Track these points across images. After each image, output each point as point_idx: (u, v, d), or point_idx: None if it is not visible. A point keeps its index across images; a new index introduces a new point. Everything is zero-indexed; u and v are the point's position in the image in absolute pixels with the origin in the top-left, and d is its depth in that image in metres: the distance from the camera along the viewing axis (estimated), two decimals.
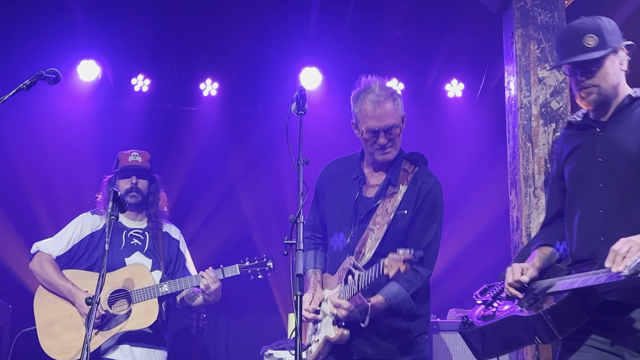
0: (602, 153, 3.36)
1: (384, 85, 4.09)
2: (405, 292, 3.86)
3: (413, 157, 4.13)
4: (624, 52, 3.38)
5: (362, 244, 3.97)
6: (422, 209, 3.99)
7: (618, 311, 3.23)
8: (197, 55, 7.38)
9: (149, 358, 5.00)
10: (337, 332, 3.88)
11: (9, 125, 6.86)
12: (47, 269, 5.02)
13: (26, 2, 6.53)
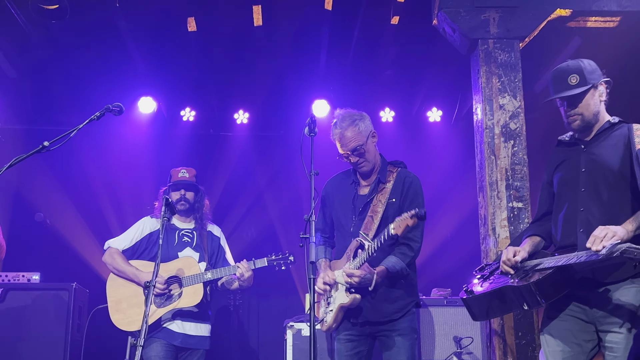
0: (585, 165, 3.43)
1: (347, 115, 4.16)
2: (402, 262, 3.94)
3: (395, 162, 4.27)
4: (603, 87, 3.44)
5: (365, 228, 4.04)
6: (407, 196, 4.09)
7: (592, 288, 3.29)
8: (231, 91, 7.41)
9: (196, 330, 5.03)
10: (349, 298, 3.93)
11: (84, 147, 6.90)
12: (116, 259, 5.08)
13: (98, 52, 6.61)
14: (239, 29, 6.21)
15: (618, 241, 2.95)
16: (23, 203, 7.14)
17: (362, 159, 4.09)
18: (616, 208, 3.27)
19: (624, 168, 3.29)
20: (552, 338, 3.41)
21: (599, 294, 3.29)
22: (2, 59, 6.65)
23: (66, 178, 7.33)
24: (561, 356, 3.37)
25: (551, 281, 3.24)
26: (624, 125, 3.41)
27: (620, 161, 3.31)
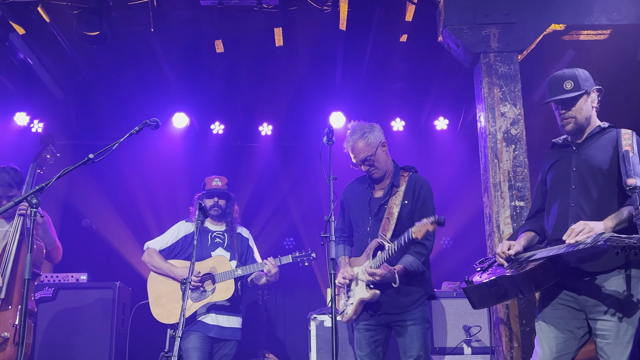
0: (576, 164, 3.44)
1: (358, 127, 4.20)
2: (418, 260, 3.98)
3: (406, 167, 4.32)
4: (594, 94, 3.46)
5: (383, 229, 4.08)
6: (418, 198, 4.13)
7: (582, 278, 3.29)
8: (256, 106, 7.44)
9: (229, 322, 5.05)
10: (370, 293, 3.97)
11: (125, 159, 6.95)
12: (155, 258, 5.12)
13: (135, 73, 6.68)
14: (262, 50, 6.24)
15: (601, 232, 2.99)
16: (71, 210, 7.19)
17: (372, 168, 4.14)
18: (604, 204, 3.26)
19: (612, 168, 3.30)
20: (546, 325, 3.40)
21: (588, 284, 3.28)
22: (50, 82, 6.74)
23: (109, 187, 7.38)
24: (554, 342, 3.35)
25: (542, 271, 3.25)
26: (613, 130, 3.43)
27: (609, 161, 3.32)
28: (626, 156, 3.25)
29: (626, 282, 3.18)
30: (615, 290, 3.21)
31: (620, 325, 3.15)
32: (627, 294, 3.18)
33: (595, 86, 3.48)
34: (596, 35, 4.77)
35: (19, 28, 5.62)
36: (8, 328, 4.50)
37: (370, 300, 4.00)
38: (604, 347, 3.19)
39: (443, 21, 4.65)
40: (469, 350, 5.63)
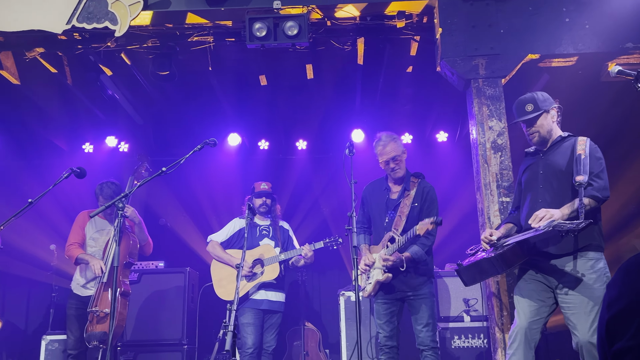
0: (543, 168, 3.46)
1: (388, 134, 4.28)
2: (422, 250, 4.02)
3: (416, 174, 4.31)
4: (554, 111, 3.47)
5: (395, 225, 4.12)
6: (425, 201, 4.16)
7: (547, 259, 3.31)
8: (293, 126, 7.48)
9: (276, 297, 5.10)
10: (384, 276, 4.01)
11: (192, 170, 7.06)
12: (216, 248, 5.19)
13: (198, 102, 6.75)
14: (296, 82, 6.28)
15: (553, 219, 3.02)
16: (150, 212, 7.29)
17: (397, 166, 4.19)
18: (562, 198, 3.28)
19: (569, 168, 3.32)
20: (521, 297, 3.43)
21: (553, 265, 3.29)
22: (132, 111, 6.86)
23: (179, 192, 7.47)
24: (528, 309, 3.37)
25: (511, 253, 3.27)
26: (572, 138, 3.44)
27: (567, 163, 3.35)
28: (579, 158, 3.26)
29: (585, 263, 3.19)
30: (575, 270, 3.22)
31: (582, 298, 3.15)
32: (586, 274, 3.18)
33: (554, 104, 3.49)
34: (565, 62, 4.73)
35: (107, 70, 5.74)
36: (108, 305, 4.59)
37: (385, 282, 4.04)
38: (570, 317, 3.21)
39: (440, 54, 4.65)
40: (468, 318, 5.60)
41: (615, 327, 1.12)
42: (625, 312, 1.11)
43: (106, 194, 4.99)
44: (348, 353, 5.38)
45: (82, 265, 4.97)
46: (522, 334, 3.30)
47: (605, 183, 3.22)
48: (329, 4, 4.78)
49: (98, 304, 4.62)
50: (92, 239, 5.02)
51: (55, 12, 4.57)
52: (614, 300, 1.14)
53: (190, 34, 5.07)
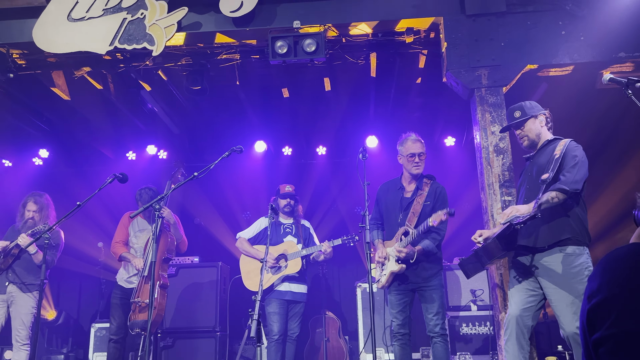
0: (532, 170, 3.43)
1: (416, 134, 4.33)
2: (432, 244, 4.00)
3: (428, 176, 4.28)
4: (542, 116, 3.43)
5: (409, 220, 4.12)
6: (437, 200, 4.12)
7: (529, 253, 3.30)
8: (313, 134, 7.47)
9: (298, 289, 5.11)
10: (398, 267, 3.98)
11: (222, 173, 7.08)
12: (244, 245, 5.21)
13: (227, 113, 6.80)
14: (316, 94, 6.28)
15: (517, 215, 3.00)
16: (186, 212, 7.36)
17: (421, 162, 4.19)
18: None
19: (547, 169, 3.26)
20: (513, 290, 3.42)
21: (535, 259, 3.26)
22: (170, 122, 6.93)
23: (212, 195, 7.50)
24: (519, 299, 3.39)
25: (493, 246, 3.23)
26: (558, 140, 3.38)
27: (547, 165, 3.28)
28: (552, 158, 3.22)
29: (564, 258, 3.13)
30: (553, 265, 3.17)
31: (562, 292, 3.09)
32: (564, 269, 3.12)
33: (542, 111, 3.45)
34: (562, 71, 4.65)
35: (147, 86, 5.80)
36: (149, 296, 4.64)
37: (398, 272, 4.01)
38: (554, 309, 3.19)
39: (446, 66, 4.61)
40: (475, 307, 5.55)
41: (595, 317, 1.11)
42: (604, 304, 1.10)
43: (144, 198, 5.11)
44: (365, 339, 5.37)
45: (124, 263, 5.07)
46: (514, 321, 3.27)
47: (575, 177, 3.13)
48: (344, 22, 4.78)
49: (140, 295, 4.68)
50: (135, 237, 5.11)
51: (99, 35, 4.64)
52: (594, 292, 1.13)
53: (219, 52, 5.11)
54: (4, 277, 4.79)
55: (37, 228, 4.76)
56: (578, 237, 3.16)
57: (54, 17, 4.70)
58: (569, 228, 3.14)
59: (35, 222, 4.90)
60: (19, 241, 4.69)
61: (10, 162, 7.56)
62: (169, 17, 4.60)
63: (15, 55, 4.97)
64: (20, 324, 4.70)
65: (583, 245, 3.17)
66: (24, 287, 4.77)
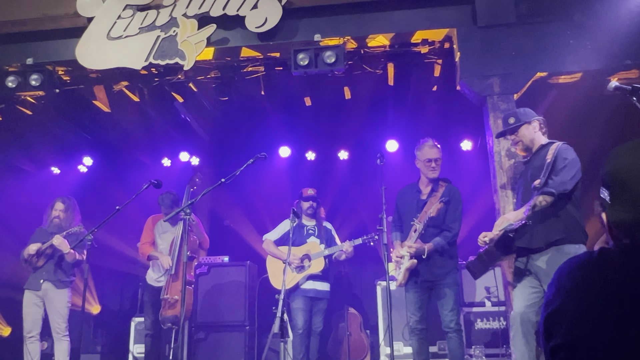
0: (527, 174, 3.41)
1: (434, 140, 4.32)
2: (443, 240, 3.99)
3: (444, 179, 4.27)
4: (536, 123, 3.40)
5: (419, 219, 4.08)
6: (451, 201, 4.07)
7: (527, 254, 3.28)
8: (335, 139, 7.47)
9: (322, 287, 5.15)
10: (409, 262, 4.00)
11: (250, 177, 7.04)
12: (270, 246, 5.27)
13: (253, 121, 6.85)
14: (336, 101, 6.31)
15: (510, 223, 3.00)
16: (216, 215, 7.47)
17: (438, 167, 4.19)
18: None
19: (539, 173, 3.24)
20: (517, 289, 3.37)
21: (533, 259, 3.24)
22: (201, 130, 7.04)
23: (239, 198, 7.56)
24: (522, 297, 3.34)
25: (493, 251, 3.23)
26: (550, 144, 3.35)
27: (539, 170, 3.26)
28: (544, 163, 3.20)
29: (561, 258, 3.09)
30: (549, 266, 3.13)
31: None
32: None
33: (536, 117, 3.44)
34: (571, 78, 4.60)
35: (179, 97, 5.93)
36: (177, 293, 4.78)
37: (411, 268, 4.00)
38: None
39: (459, 75, 4.62)
40: (489, 303, 5.52)
41: (550, 325, 1.10)
42: (558, 312, 1.09)
43: (166, 202, 5.26)
44: (384, 333, 5.39)
45: (153, 261, 5.19)
46: (519, 319, 3.24)
47: (563, 178, 3.10)
48: (362, 35, 4.82)
49: (168, 292, 4.81)
50: (160, 239, 5.25)
51: (135, 52, 4.78)
52: (550, 301, 1.12)
53: (245, 65, 5.20)
54: (38, 275, 4.96)
55: (73, 230, 4.93)
56: (573, 236, 3.13)
57: (94, 36, 4.86)
58: (563, 228, 3.11)
59: (61, 221, 5.06)
60: (54, 242, 4.86)
61: (58, 169, 7.81)
62: (199, 34, 4.71)
63: (61, 72, 5.15)
64: (59, 317, 4.88)
65: (579, 243, 3.14)
66: (58, 284, 4.95)
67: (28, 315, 4.91)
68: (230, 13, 4.70)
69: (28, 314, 4.91)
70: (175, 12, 4.79)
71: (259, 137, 7.15)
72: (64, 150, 7.41)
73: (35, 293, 4.94)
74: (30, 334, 4.88)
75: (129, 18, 4.86)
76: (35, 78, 4.86)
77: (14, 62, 5.01)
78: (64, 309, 4.92)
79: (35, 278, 4.99)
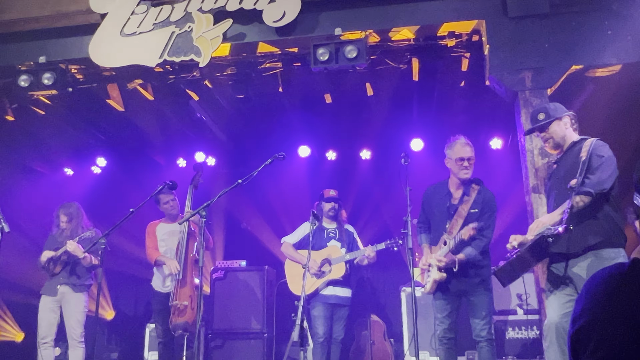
0: (558, 174, 3.37)
1: (466, 137, 4.20)
2: (475, 250, 3.92)
3: (476, 180, 4.19)
4: (567, 118, 3.35)
5: (451, 227, 4.04)
6: (485, 208, 4.00)
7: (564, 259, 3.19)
8: (356, 138, 7.46)
9: (343, 293, 5.13)
10: (439, 275, 3.93)
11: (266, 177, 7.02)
12: (289, 250, 5.27)
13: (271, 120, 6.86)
14: (358, 98, 6.29)
15: (547, 227, 2.90)
16: (232, 217, 7.51)
17: (470, 167, 4.08)
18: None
19: (574, 171, 3.17)
20: (550, 293, 3.32)
21: (569, 264, 3.17)
22: (217, 130, 7.09)
23: (256, 200, 7.58)
24: (557, 305, 3.30)
25: (526, 257, 3.15)
26: (582, 141, 3.28)
27: (573, 168, 3.19)
28: (579, 162, 3.12)
29: (599, 263, 3.02)
30: (590, 269, 3.06)
31: None
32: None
33: (567, 112, 3.37)
34: (609, 72, 4.51)
35: (194, 95, 5.97)
36: (186, 298, 4.82)
37: (440, 281, 3.96)
38: None
39: (489, 69, 4.56)
40: (521, 311, 5.44)
41: (578, 342, 1.06)
42: (585, 329, 1.05)
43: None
44: (409, 342, 5.34)
45: (159, 266, 5.21)
46: (554, 328, 3.19)
47: (600, 178, 3.03)
48: (385, 28, 4.80)
49: (177, 298, 4.83)
50: (162, 241, 5.27)
51: (150, 49, 4.83)
52: (578, 317, 1.08)
53: (262, 61, 5.22)
54: (55, 281, 5.06)
55: (85, 235, 5.01)
56: (612, 239, 3.06)
57: (108, 33, 4.93)
58: (601, 230, 3.04)
59: (69, 231, 5.16)
60: (68, 248, 4.94)
61: (71, 170, 7.94)
62: (215, 29, 4.74)
63: (74, 70, 5.24)
64: (75, 322, 4.96)
65: (618, 247, 3.06)
66: (75, 287, 5.05)
67: (43, 320, 5.00)
68: (247, 7, 4.72)
69: (43, 319, 5.01)
70: (190, 6, 4.83)
71: (277, 136, 7.15)
72: (78, 151, 7.53)
73: (52, 298, 5.04)
74: (45, 340, 4.97)
75: (143, 14, 4.91)
76: (48, 77, 4.95)
77: (26, 60, 5.11)
78: (80, 313, 5.00)
79: (51, 284, 5.09)
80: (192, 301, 4.81)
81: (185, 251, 4.96)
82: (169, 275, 5.12)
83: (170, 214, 5.37)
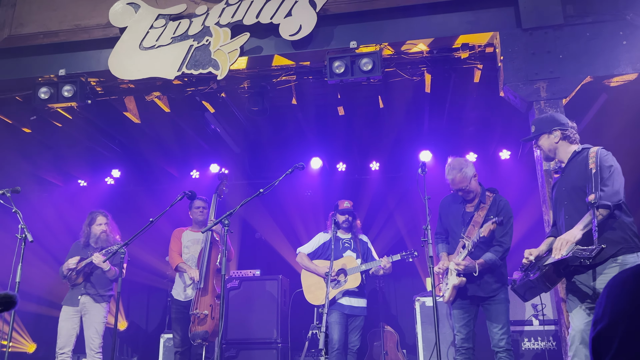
0: (564, 185, 3.34)
1: (457, 163, 4.09)
2: (495, 256, 3.90)
3: (490, 189, 4.18)
4: (557, 132, 3.39)
5: (468, 233, 4.03)
6: (501, 215, 3.97)
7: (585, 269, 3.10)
8: (367, 149, 7.46)
9: (358, 303, 5.08)
10: (458, 280, 3.91)
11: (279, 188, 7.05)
12: (304, 260, 5.23)
13: (286, 132, 6.88)
14: (370, 110, 6.30)
15: (573, 244, 2.88)
16: (248, 227, 7.49)
17: (466, 193, 4.06)
18: (583, 214, 3.09)
19: (582, 184, 3.15)
20: (573, 302, 3.23)
21: (590, 274, 3.12)
22: (231, 141, 7.09)
23: (272, 210, 7.57)
24: (580, 315, 3.21)
25: (551, 272, 3.13)
26: (585, 151, 3.26)
27: (579, 178, 3.17)
28: (590, 174, 3.08)
29: (619, 268, 2.98)
30: (605, 280, 3.00)
31: None
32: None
33: (558, 127, 3.37)
34: (624, 81, 4.47)
35: (210, 107, 5.98)
36: (207, 307, 4.76)
37: (459, 285, 3.92)
38: None
39: (503, 80, 4.53)
40: (537, 322, 5.35)
41: (599, 345, 1.03)
42: (606, 332, 1.02)
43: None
44: (425, 354, 5.26)
45: (179, 274, 5.18)
46: (579, 336, 3.12)
47: (613, 188, 3.02)
48: (400, 41, 4.79)
49: (198, 306, 4.78)
50: (186, 247, 5.25)
51: (168, 62, 4.84)
52: (599, 319, 1.05)
53: (278, 74, 5.21)
54: (77, 291, 5.01)
55: (111, 248, 4.95)
56: (630, 244, 3.05)
57: (127, 46, 4.95)
58: (619, 238, 3.03)
59: (107, 234, 5.11)
60: (94, 260, 4.89)
61: (85, 182, 7.94)
62: (232, 43, 4.75)
63: (93, 82, 5.25)
64: (94, 333, 4.90)
65: (636, 251, 3.04)
66: (97, 297, 4.98)
67: (63, 330, 4.94)
68: (264, 21, 4.73)
69: (63, 329, 4.95)
70: (208, 21, 4.84)
71: (290, 148, 7.17)
72: (93, 163, 7.54)
73: (73, 308, 4.99)
74: (62, 350, 4.91)
75: (162, 27, 4.93)
76: (68, 89, 4.97)
77: (46, 73, 5.13)
78: (100, 324, 4.95)
79: (73, 294, 5.04)
80: (212, 310, 4.75)
81: (208, 260, 4.92)
82: (190, 284, 5.08)
83: (198, 221, 5.37)
